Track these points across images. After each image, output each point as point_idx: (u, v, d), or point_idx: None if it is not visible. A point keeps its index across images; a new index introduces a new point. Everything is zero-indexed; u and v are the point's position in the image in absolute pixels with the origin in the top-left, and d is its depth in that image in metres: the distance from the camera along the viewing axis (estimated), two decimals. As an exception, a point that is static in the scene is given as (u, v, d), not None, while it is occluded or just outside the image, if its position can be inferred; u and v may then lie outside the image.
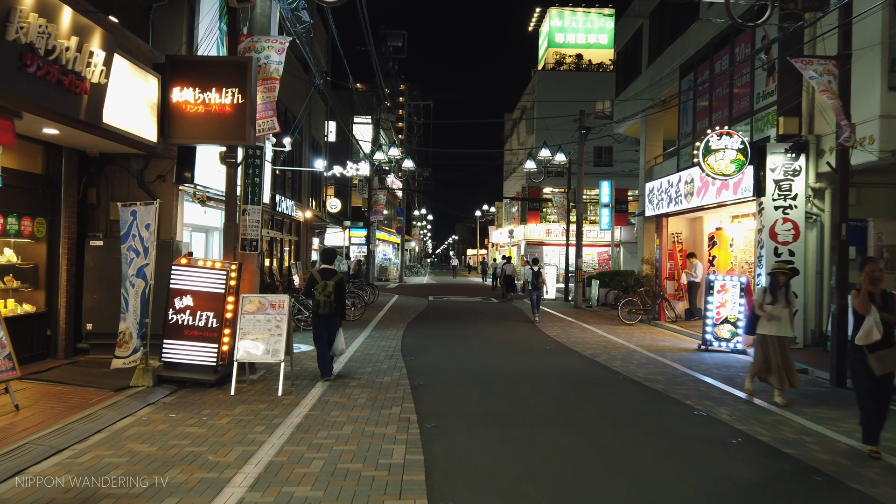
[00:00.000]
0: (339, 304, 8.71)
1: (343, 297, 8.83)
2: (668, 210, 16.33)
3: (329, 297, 8.58)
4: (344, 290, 8.88)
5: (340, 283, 8.76)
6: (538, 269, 17.62)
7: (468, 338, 13.26)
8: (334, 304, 8.65)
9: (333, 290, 8.62)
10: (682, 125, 17.30)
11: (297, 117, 20.91)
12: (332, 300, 8.61)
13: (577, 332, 14.58)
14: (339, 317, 8.80)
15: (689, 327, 15.19)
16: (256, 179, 9.19)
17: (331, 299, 8.60)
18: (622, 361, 10.53)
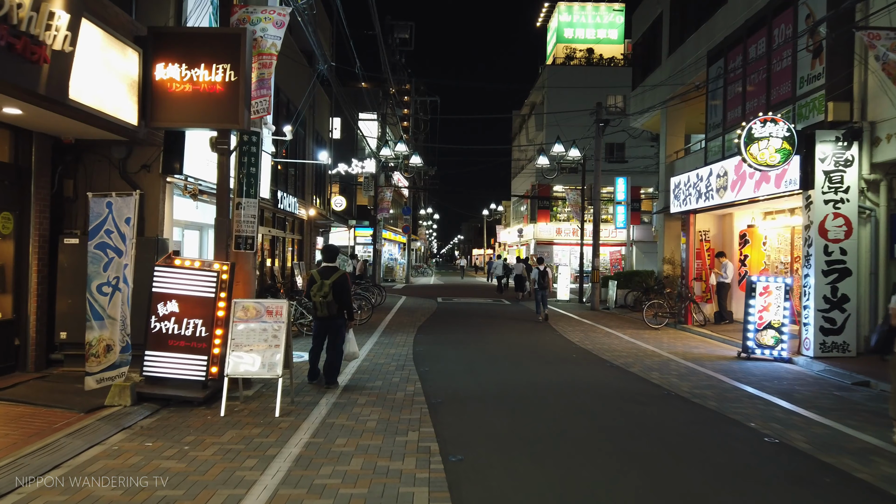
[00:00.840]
0: (340, 304, 7.82)
1: (345, 295, 7.89)
2: (697, 206, 15.23)
3: (326, 297, 7.76)
4: (346, 289, 7.90)
5: (340, 282, 7.82)
6: (544, 268, 17.28)
7: (484, 344, 12.21)
8: (334, 305, 7.79)
9: (331, 290, 7.72)
10: (710, 116, 16.20)
11: (298, 108, 19.89)
12: (331, 300, 7.76)
13: (600, 338, 13.50)
14: (341, 318, 7.91)
15: (721, 332, 14.09)
16: (252, 169, 8.15)
17: (328, 300, 7.76)
18: (660, 372, 9.45)
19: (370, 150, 29.35)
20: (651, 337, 13.82)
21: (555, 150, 23.63)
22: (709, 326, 15.13)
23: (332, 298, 7.76)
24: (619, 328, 15.47)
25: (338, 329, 7.93)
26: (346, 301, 7.89)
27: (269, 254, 17.47)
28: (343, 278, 7.89)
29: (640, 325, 16.21)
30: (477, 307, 21.12)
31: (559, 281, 25.49)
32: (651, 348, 12.05)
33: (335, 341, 7.95)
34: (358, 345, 11.76)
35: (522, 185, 47.22)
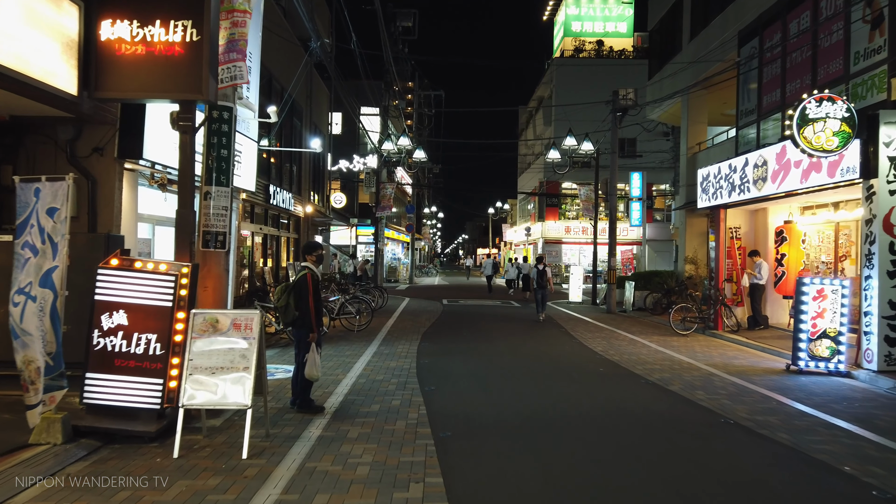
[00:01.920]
0: (300, 310, 6.53)
1: (301, 302, 6.55)
2: (729, 200, 13.82)
3: (279, 300, 6.62)
4: (302, 293, 6.57)
5: (299, 284, 6.58)
6: (543, 267, 16.73)
7: (497, 354, 10.83)
8: (291, 312, 6.57)
9: (285, 294, 6.42)
10: (741, 101, 14.79)
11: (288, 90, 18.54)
12: (288, 305, 6.56)
13: (626, 346, 12.11)
14: (302, 329, 6.57)
15: (758, 339, 12.69)
16: (224, 152, 6.78)
17: (282, 304, 6.60)
18: (706, 392, 8.05)
19: (372, 145, 27.98)
20: (681, 345, 12.43)
21: (566, 143, 22.20)
22: (742, 332, 13.72)
23: (291, 303, 6.48)
24: (643, 334, 14.07)
25: (299, 340, 6.60)
26: (302, 308, 6.56)
27: (260, 253, 16.14)
28: (302, 280, 6.58)
29: (664, 330, 14.81)
30: (485, 310, 19.73)
31: (571, 282, 24.09)
32: (685, 359, 10.65)
33: (297, 356, 6.62)
34: (354, 356, 10.46)
35: (530, 182, 45.80)
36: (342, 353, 10.60)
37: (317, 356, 6.47)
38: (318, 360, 6.51)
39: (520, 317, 17.68)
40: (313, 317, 6.48)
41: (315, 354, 6.45)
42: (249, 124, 10.74)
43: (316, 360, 6.44)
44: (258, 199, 14.92)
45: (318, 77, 23.16)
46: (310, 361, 6.41)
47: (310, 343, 6.48)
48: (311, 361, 6.41)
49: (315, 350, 6.47)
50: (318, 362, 6.47)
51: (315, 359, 6.43)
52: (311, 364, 6.41)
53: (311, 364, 6.41)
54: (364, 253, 35.84)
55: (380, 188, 26.09)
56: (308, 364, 6.41)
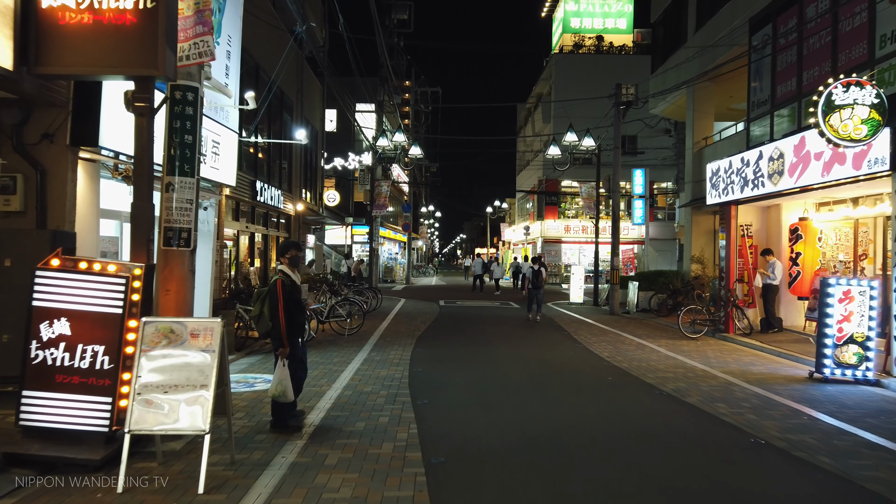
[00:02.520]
0: (272, 319, 5.78)
1: (272, 310, 5.78)
2: (742, 196, 13.06)
3: (253, 309, 5.97)
4: (272, 301, 5.80)
5: (270, 290, 5.84)
6: (538, 267, 16.50)
7: (497, 361, 10.06)
8: (264, 322, 5.84)
9: (258, 302, 5.86)
10: (753, 91, 14.04)
11: (272, 77, 17.77)
12: (263, 313, 5.83)
13: (633, 351, 11.35)
14: (276, 340, 5.82)
15: (773, 342, 11.94)
16: (188, 137, 6.00)
17: (255, 313, 5.92)
18: (727, 404, 7.29)
19: (368, 142, 27.21)
20: (692, 350, 11.67)
21: (567, 139, 21.42)
22: (755, 335, 12.97)
23: (264, 312, 5.73)
24: (650, 338, 13.31)
25: (276, 354, 5.84)
26: (272, 316, 5.76)
27: (246, 253, 15.36)
28: (272, 287, 5.81)
29: (672, 333, 14.06)
30: (484, 312, 18.96)
31: (572, 282, 23.34)
32: (699, 366, 9.89)
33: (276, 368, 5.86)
34: (342, 363, 9.68)
35: (528, 180, 45.05)
36: (329, 360, 9.83)
37: (286, 374, 5.67)
38: (287, 378, 5.70)
39: (520, 319, 16.91)
40: (283, 329, 5.68)
41: (284, 372, 5.66)
42: (229, 114, 9.96)
43: (281, 378, 5.64)
44: (244, 196, 14.14)
45: (311, 71, 22.39)
46: (275, 379, 5.64)
47: (282, 359, 5.70)
48: (277, 379, 5.63)
49: (285, 367, 5.68)
50: (286, 382, 5.67)
51: (283, 377, 5.64)
52: (277, 382, 5.62)
53: (277, 382, 5.62)
54: (360, 253, 35.07)
55: (374, 186, 25.30)
56: (273, 382, 5.64)
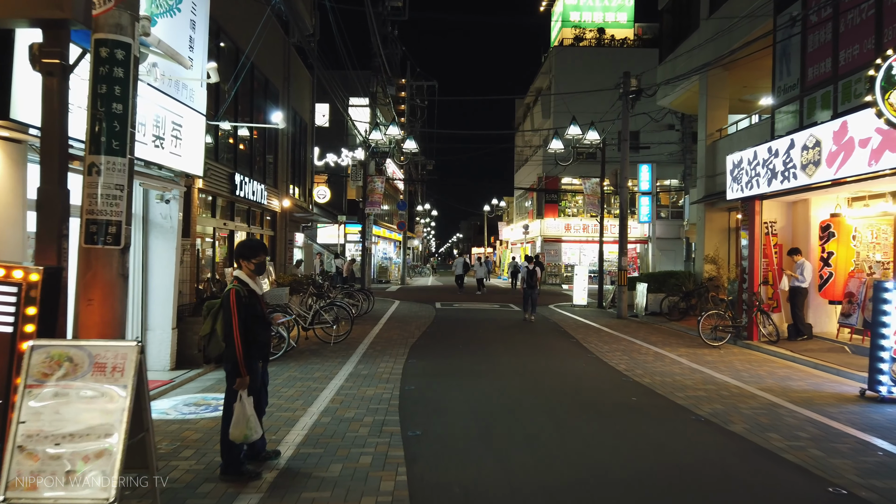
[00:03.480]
0: (226, 339, 4.50)
1: (228, 327, 4.51)
2: (769, 189, 11.84)
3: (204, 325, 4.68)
4: (227, 317, 4.53)
5: (222, 304, 4.60)
6: (534, 266, 16.38)
7: (502, 377, 8.82)
8: (216, 342, 4.58)
9: (209, 316, 4.57)
10: (779, 76, 12.82)
11: (269, 77, 16.50)
12: (215, 331, 4.61)
13: (652, 362, 10.13)
14: (229, 364, 4.51)
15: (805, 352, 10.74)
16: (118, 107, 4.75)
17: (205, 331, 4.67)
18: (780, 434, 6.07)
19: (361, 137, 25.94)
20: (717, 360, 10.46)
21: (570, 132, 20.18)
22: (782, 343, 11.77)
23: (217, 330, 4.49)
24: (667, 346, 12.10)
25: (229, 383, 4.57)
26: (226, 336, 4.52)
27: (225, 253, 14.08)
28: (226, 298, 4.57)
29: (689, 340, 12.86)
30: (483, 316, 17.71)
31: (575, 283, 22.12)
32: (731, 382, 8.67)
33: (225, 403, 4.60)
34: (324, 380, 8.43)
35: (527, 177, 43.84)
36: (309, 375, 8.58)
37: (248, 411, 4.42)
38: (251, 416, 4.44)
39: (523, 324, 15.68)
40: (239, 352, 4.43)
41: (244, 409, 4.40)
42: (194, 93, 8.70)
43: (245, 416, 4.39)
44: (221, 190, 12.87)
45: (299, 60, 21.11)
46: (236, 416, 4.39)
47: (237, 391, 4.45)
48: (238, 416, 4.38)
49: (244, 402, 4.42)
50: (252, 419, 4.42)
51: (244, 415, 4.39)
52: (238, 420, 4.38)
53: (238, 420, 4.38)
54: (353, 252, 33.79)
55: (367, 181, 24.05)
56: (234, 420, 4.39)
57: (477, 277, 29.32)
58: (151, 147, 7.47)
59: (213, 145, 12.99)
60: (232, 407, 4.44)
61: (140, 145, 7.16)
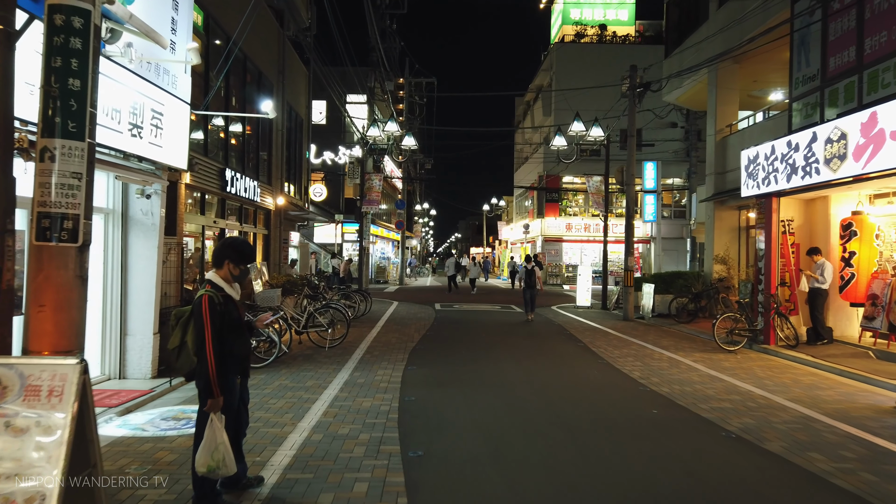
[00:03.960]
0: (198, 353, 3.85)
1: (200, 340, 3.86)
2: (788, 186, 11.23)
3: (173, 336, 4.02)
4: (199, 328, 3.87)
5: (193, 312, 3.95)
6: (532, 266, 16.22)
7: (509, 386, 8.19)
8: (192, 360, 3.91)
9: (179, 327, 3.91)
10: (797, 67, 12.21)
11: (261, 69, 15.87)
12: (185, 343, 3.95)
13: (667, 369, 9.52)
14: (201, 382, 3.86)
15: (827, 357, 10.14)
16: (75, 83, 4.13)
17: (174, 343, 4.01)
18: (823, 454, 5.45)
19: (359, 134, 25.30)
20: (736, 367, 9.85)
21: (573, 128, 19.55)
22: (801, 348, 11.17)
23: (188, 343, 3.84)
24: (680, 350, 11.48)
25: (201, 403, 3.94)
26: (198, 349, 3.86)
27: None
28: (197, 306, 3.91)
29: (702, 344, 12.26)
30: (485, 317, 17.09)
31: (578, 283, 21.51)
32: (755, 391, 8.05)
33: (196, 427, 3.96)
34: (318, 387, 7.82)
35: (528, 176, 43.23)
36: (301, 384, 7.95)
37: (220, 438, 3.77)
38: (224, 444, 3.79)
39: (527, 328, 15.06)
40: (212, 369, 3.79)
41: (216, 435, 3.75)
42: (177, 80, 8.06)
43: (214, 443, 3.74)
44: (211, 186, 12.24)
45: (295, 54, 20.48)
46: (204, 444, 3.74)
47: (214, 414, 3.80)
48: (207, 443, 3.73)
49: (217, 426, 3.78)
50: (218, 447, 3.77)
51: (215, 442, 3.74)
52: (206, 447, 3.73)
53: (206, 447, 3.73)
54: (350, 252, 33.15)
55: (365, 179, 23.41)
56: (202, 448, 3.74)
57: (470, 278, 29.12)
58: (128, 136, 6.84)
59: (203, 139, 12.36)
60: (204, 432, 3.80)
61: (114, 133, 6.53)
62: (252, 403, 6.86)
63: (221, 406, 3.80)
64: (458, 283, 29.48)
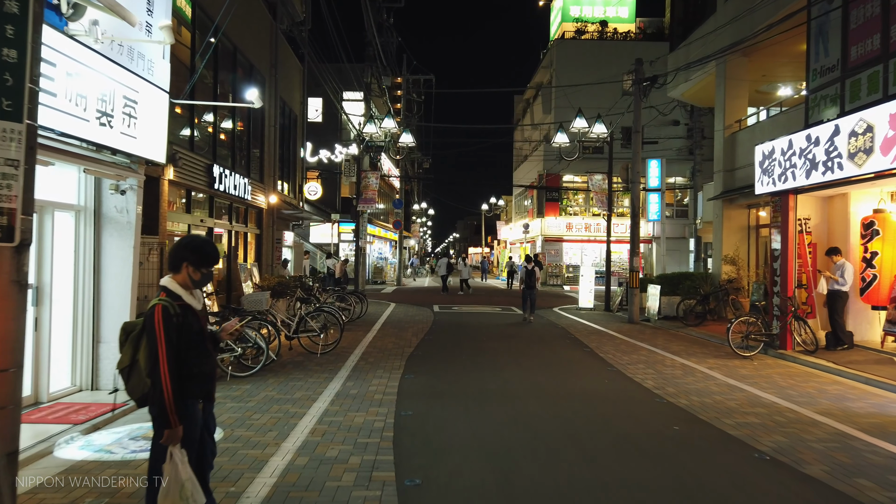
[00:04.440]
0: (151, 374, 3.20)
1: (153, 359, 3.21)
2: (808, 182, 10.62)
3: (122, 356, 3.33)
4: (152, 344, 3.22)
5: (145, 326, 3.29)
6: (532, 266, 16.13)
7: (515, 398, 7.56)
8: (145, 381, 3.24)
9: (128, 343, 3.24)
10: (814, 57, 11.61)
11: (255, 64, 15.23)
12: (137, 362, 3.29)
13: (682, 378, 8.90)
14: (153, 406, 3.24)
15: (849, 364, 9.54)
16: (10, 53, 3.52)
17: (124, 363, 3.33)
18: (873, 481, 4.84)
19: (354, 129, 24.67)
20: (754, 374, 9.24)
21: (575, 125, 18.91)
22: (820, 353, 10.57)
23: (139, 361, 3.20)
24: (692, 356, 10.87)
25: (156, 431, 3.28)
26: (151, 369, 3.21)
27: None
28: (149, 318, 3.26)
29: (714, 349, 11.66)
30: (485, 320, 16.47)
31: (581, 284, 20.90)
32: (780, 402, 7.43)
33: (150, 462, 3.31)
34: (307, 399, 7.19)
35: (527, 175, 42.62)
36: (289, 396, 7.32)
37: (182, 472, 3.13)
38: (189, 479, 3.15)
39: (529, 332, 14.44)
40: (167, 394, 3.15)
41: (178, 469, 3.12)
42: (154, 66, 7.42)
43: (178, 482, 3.11)
44: (198, 183, 11.60)
45: (289, 48, 19.85)
46: (168, 486, 3.10)
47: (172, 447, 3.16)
48: (169, 484, 3.10)
49: (178, 461, 3.14)
50: (184, 485, 3.13)
51: (176, 478, 3.11)
52: (169, 490, 3.10)
53: (169, 490, 3.10)
54: (347, 252, 32.50)
55: (361, 177, 22.76)
56: (164, 492, 3.10)
57: (461, 278, 28.75)
58: (95, 125, 6.20)
59: (189, 134, 11.74)
60: (160, 468, 3.16)
61: (79, 121, 5.90)
62: (233, 419, 6.25)
63: (181, 437, 3.17)
64: (450, 284, 29.03)
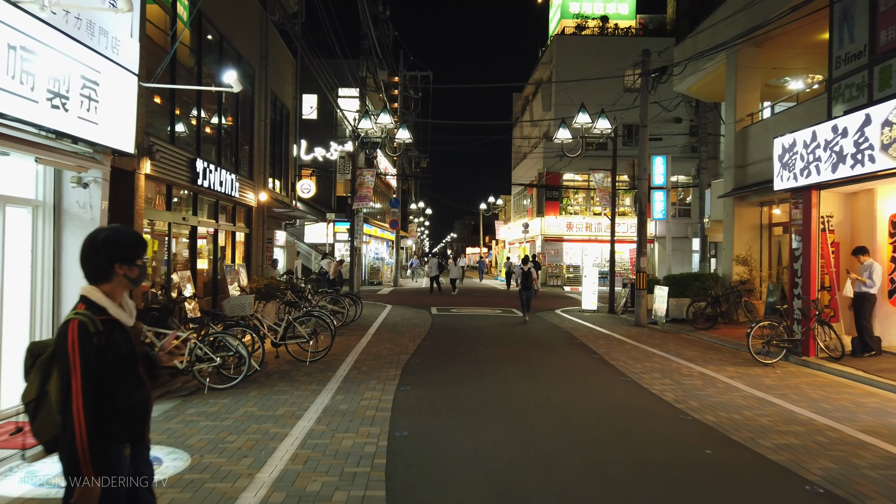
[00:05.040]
0: (63, 412, 2.36)
1: (66, 391, 2.38)
2: (833, 177, 9.86)
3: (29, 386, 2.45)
4: (66, 371, 2.40)
5: (58, 352, 2.42)
6: (529, 268, 16.14)
7: (522, 415, 6.80)
8: (55, 418, 2.39)
9: (35, 370, 2.40)
10: (838, 44, 10.88)
11: (243, 55, 14.45)
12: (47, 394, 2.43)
13: (702, 389, 8.15)
14: (62, 451, 2.40)
15: (881, 373, 8.82)
16: None
17: (30, 395, 2.46)
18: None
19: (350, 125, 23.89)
20: (780, 384, 8.50)
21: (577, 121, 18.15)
22: (847, 360, 9.83)
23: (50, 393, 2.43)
24: (709, 363, 10.14)
25: (68, 486, 2.45)
26: (63, 405, 2.40)
27: (182, 252, 12.03)
28: (61, 338, 2.43)
29: (731, 355, 10.94)
30: (485, 323, 15.71)
31: (584, 285, 20.14)
32: (817, 418, 6.69)
33: None
34: (291, 416, 6.42)
35: (527, 173, 41.86)
36: (271, 412, 6.56)
37: None
38: None
39: (533, 336, 13.69)
40: (79, 437, 2.36)
41: None
42: (119, 44, 6.65)
43: None
44: (179, 178, 10.83)
45: (281, 41, 19.08)
46: None
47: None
48: None
49: None
50: None
51: None
52: None
53: None
54: (343, 252, 31.73)
55: (356, 174, 21.98)
56: None
57: (451, 278, 28.18)
58: (46, 107, 5.43)
59: (169, 127, 10.97)
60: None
61: (24, 101, 5.13)
62: (204, 442, 5.49)
63: (97, 496, 2.39)
64: (440, 284, 28.54)
